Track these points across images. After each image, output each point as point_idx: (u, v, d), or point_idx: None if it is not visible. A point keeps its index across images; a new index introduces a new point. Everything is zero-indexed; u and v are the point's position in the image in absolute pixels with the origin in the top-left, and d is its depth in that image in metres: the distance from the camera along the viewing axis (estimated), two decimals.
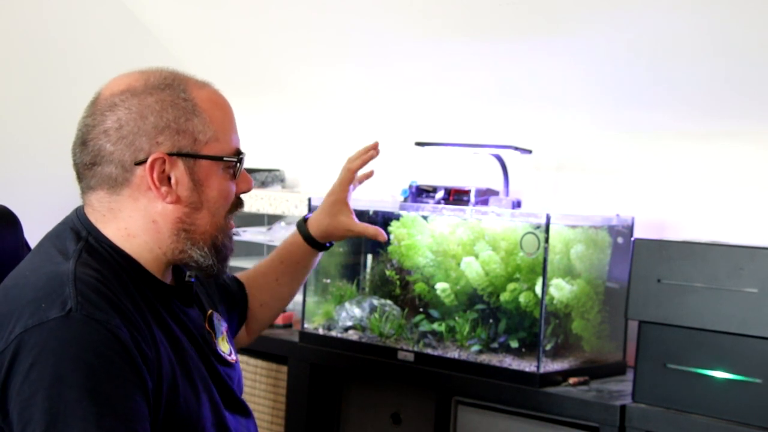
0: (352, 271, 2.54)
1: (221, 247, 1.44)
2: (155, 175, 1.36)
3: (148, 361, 1.29)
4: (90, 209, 1.41)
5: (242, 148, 1.46)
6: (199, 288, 1.58)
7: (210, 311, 1.56)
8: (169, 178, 1.37)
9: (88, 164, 1.38)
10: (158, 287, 1.42)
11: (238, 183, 1.46)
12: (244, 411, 1.54)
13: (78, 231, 1.40)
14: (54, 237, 1.41)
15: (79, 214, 1.43)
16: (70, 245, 1.37)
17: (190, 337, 1.43)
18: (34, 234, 1.58)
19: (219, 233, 1.44)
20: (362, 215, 2.56)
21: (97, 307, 1.26)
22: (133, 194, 1.38)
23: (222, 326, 1.57)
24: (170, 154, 1.37)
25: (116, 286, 1.33)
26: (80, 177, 1.42)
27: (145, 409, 1.26)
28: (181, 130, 1.37)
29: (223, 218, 1.44)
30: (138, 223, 1.39)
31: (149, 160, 1.35)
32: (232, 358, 1.55)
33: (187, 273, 1.50)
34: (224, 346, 1.54)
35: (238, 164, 1.43)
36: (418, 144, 2.47)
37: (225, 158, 1.41)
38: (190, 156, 1.38)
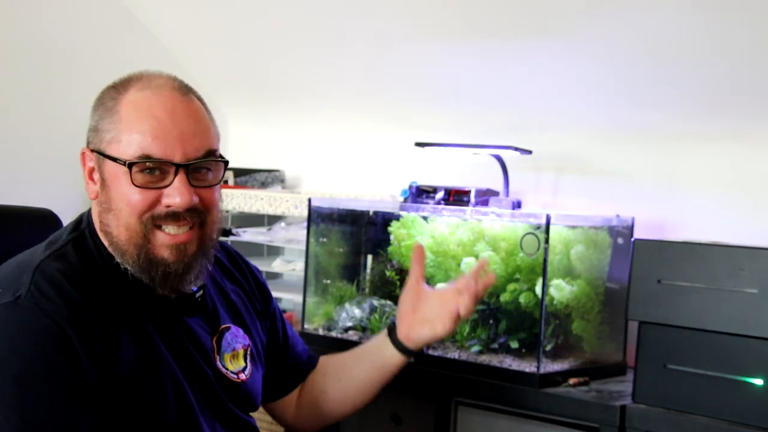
0: (352, 272, 2.54)
1: (144, 259, 1.39)
2: (86, 169, 1.43)
3: (96, 356, 1.30)
4: None
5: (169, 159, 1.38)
6: (223, 301, 1.56)
7: (226, 326, 1.54)
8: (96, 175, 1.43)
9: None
10: (137, 290, 1.42)
11: (163, 193, 1.38)
12: (247, 427, 1.53)
13: (80, 222, 1.45)
14: (62, 228, 1.48)
15: (90, 209, 1.47)
16: (64, 235, 1.42)
17: (174, 344, 1.43)
18: None
19: (133, 240, 1.38)
20: (362, 216, 2.57)
21: (46, 297, 1.29)
22: (91, 189, 1.45)
23: (237, 343, 1.55)
24: (91, 150, 1.42)
25: (85, 282, 1.34)
26: None
27: (80, 404, 1.27)
28: (97, 128, 1.41)
29: (138, 224, 1.38)
30: (99, 219, 1.43)
31: (81, 153, 1.44)
32: (241, 377, 1.53)
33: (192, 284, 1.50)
34: (234, 364, 1.53)
35: (131, 169, 1.36)
36: (418, 144, 2.46)
37: (117, 159, 1.38)
38: (99, 153, 1.41)
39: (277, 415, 1.78)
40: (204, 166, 1.41)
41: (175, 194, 1.38)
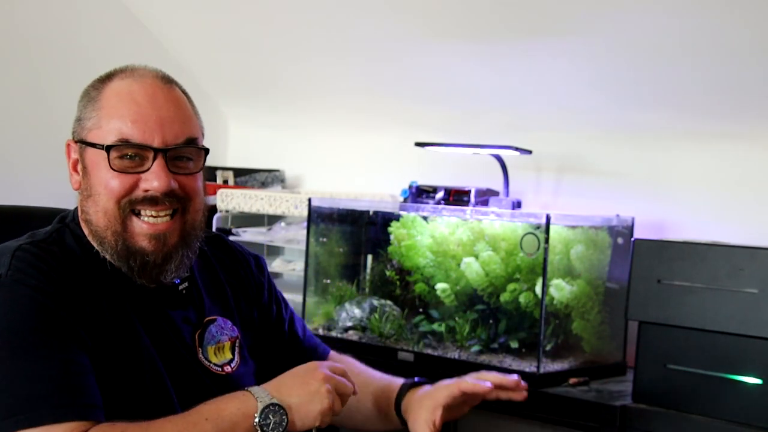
0: (352, 272, 2.54)
1: (122, 245, 1.39)
2: (70, 161, 1.44)
3: (85, 319, 1.31)
4: None
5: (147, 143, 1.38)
6: (209, 292, 1.55)
7: (212, 318, 1.53)
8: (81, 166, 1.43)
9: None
10: (120, 281, 1.41)
11: (143, 178, 1.39)
12: None
13: (65, 216, 1.46)
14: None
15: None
16: (48, 227, 1.44)
17: (156, 336, 1.42)
18: None
19: (112, 224, 1.39)
20: (362, 216, 2.57)
21: (27, 275, 1.30)
22: (75, 180, 1.46)
23: (223, 335, 1.53)
24: (75, 141, 1.43)
25: (64, 266, 1.35)
26: None
27: (74, 349, 1.28)
28: (80, 118, 1.43)
29: (116, 209, 1.39)
30: (80, 208, 1.45)
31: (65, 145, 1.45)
32: (227, 369, 1.51)
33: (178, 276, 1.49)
34: (218, 356, 1.51)
35: (110, 153, 1.37)
36: (418, 144, 2.47)
37: (95, 145, 1.39)
38: (80, 142, 1.42)
39: None
40: (184, 154, 1.41)
41: (153, 178, 1.37)
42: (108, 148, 1.36)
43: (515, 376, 1.60)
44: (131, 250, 1.39)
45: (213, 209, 2.77)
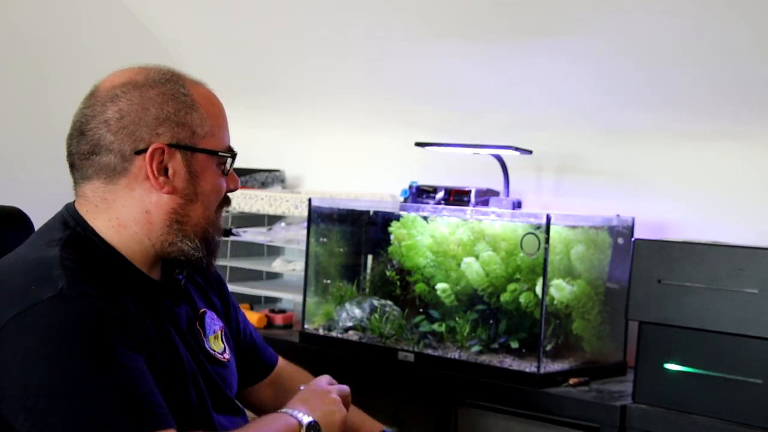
0: (352, 272, 2.54)
1: (210, 240, 1.47)
2: (154, 165, 1.39)
3: (133, 321, 1.33)
4: (82, 200, 1.44)
5: (233, 147, 1.52)
6: (194, 286, 1.58)
7: (203, 310, 1.57)
8: (166, 169, 1.40)
9: (86, 154, 1.41)
10: (143, 281, 1.43)
11: (227, 181, 1.50)
12: (236, 410, 1.54)
13: (66, 221, 1.43)
14: (43, 228, 1.45)
15: (68, 208, 1.45)
16: (56, 234, 1.40)
17: (178, 332, 1.45)
18: None
19: (210, 226, 1.47)
20: (362, 216, 2.57)
21: (87, 284, 1.30)
22: (129, 184, 1.40)
23: (215, 325, 1.58)
24: (170, 145, 1.40)
25: (103, 272, 1.36)
26: (75, 167, 1.44)
27: (142, 363, 1.30)
28: (181, 123, 1.41)
29: (214, 212, 1.48)
30: (131, 213, 1.41)
31: (149, 150, 1.38)
32: (225, 357, 1.56)
33: (176, 270, 1.51)
34: (216, 345, 1.56)
35: (231, 160, 1.49)
36: (418, 144, 2.46)
37: (220, 153, 1.46)
38: (188, 148, 1.41)
39: (256, 405, 1.78)
40: None
41: (236, 179, 1.53)
42: (234, 156, 1.49)
43: None
44: (215, 244, 1.48)
45: None
